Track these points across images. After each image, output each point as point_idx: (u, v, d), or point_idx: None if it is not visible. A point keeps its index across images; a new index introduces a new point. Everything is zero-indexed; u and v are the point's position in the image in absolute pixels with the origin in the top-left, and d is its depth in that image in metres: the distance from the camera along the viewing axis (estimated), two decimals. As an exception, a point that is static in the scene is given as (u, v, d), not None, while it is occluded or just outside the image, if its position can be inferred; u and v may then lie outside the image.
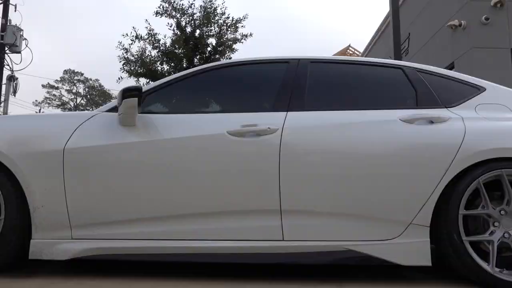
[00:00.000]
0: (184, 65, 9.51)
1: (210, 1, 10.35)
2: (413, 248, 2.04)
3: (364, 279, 2.18)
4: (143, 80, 9.68)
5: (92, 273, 2.19)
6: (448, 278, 2.23)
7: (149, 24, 10.13)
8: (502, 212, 2.05)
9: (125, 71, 9.96)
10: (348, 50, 33.61)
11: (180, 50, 9.51)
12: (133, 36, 10.01)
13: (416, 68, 2.48)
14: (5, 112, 19.12)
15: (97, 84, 55.37)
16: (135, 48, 10.23)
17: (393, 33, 6.75)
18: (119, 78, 10.07)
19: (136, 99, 2.09)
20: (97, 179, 2.11)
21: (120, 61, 9.78)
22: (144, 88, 2.36)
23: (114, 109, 2.30)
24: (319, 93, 2.37)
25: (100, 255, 2.07)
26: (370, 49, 15.91)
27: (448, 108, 2.28)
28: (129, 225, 2.10)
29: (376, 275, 2.27)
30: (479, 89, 2.39)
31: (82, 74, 54.58)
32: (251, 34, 10.49)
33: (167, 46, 9.67)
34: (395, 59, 6.84)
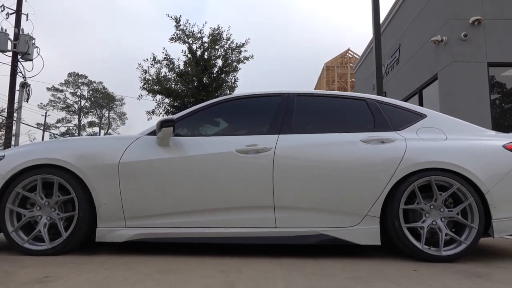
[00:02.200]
0: (195, 84, 10.67)
1: (217, 29, 11.87)
2: (367, 233, 2.87)
3: (332, 255, 3.01)
4: (158, 97, 10.95)
5: (140, 252, 3.03)
6: (393, 253, 3.06)
7: (165, 50, 11.74)
8: (431, 206, 2.88)
9: (144, 89, 11.45)
10: (347, 54, 34.45)
11: (191, 71, 10.66)
12: (152, 60, 11.57)
13: (376, 99, 3.32)
14: (19, 118, 19.97)
15: (101, 87, 56.28)
16: (153, 69, 12.05)
17: (375, 57, 7.56)
18: (139, 96, 11.68)
19: (171, 128, 2.93)
20: (143, 184, 2.96)
21: (141, 82, 11.24)
22: (174, 117, 3.20)
23: (152, 133, 3.15)
24: (303, 120, 3.21)
25: (146, 238, 2.91)
26: (367, 55, 16.70)
27: (396, 131, 3.11)
28: (166, 217, 2.94)
29: (341, 252, 3.10)
30: (421, 116, 3.22)
31: (86, 77, 55.47)
32: (252, 56, 12.01)
33: (180, 68, 10.91)
34: (377, 79, 7.64)
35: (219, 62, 11.31)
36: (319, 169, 2.94)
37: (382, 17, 17.02)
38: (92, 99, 55.87)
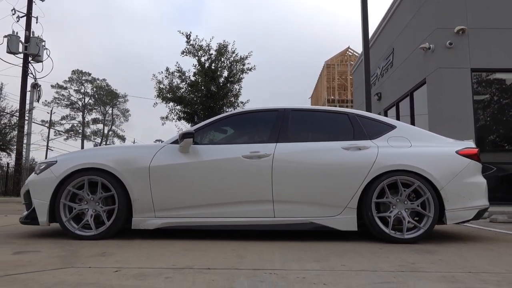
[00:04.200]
0: (204, 92, 11.73)
1: (223, 43, 13.31)
2: (347, 221, 3.63)
3: (319, 239, 3.77)
4: (170, 104, 12.06)
5: (167, 237, 3.80)
6: (367, 237, 3.81)
7: (177, 63, 13.20)
8: (397, 200, 3.64)
9: (159, 97, 12.90)
10: (347, 52, 35.04)
11: (200, 81, 11.74)
12: (166, 72, 13.11)
13: (356, 113, 4.06)
14: (30, 118, 20.75)
15: (105, 84, 57.01)
16: (166, 80, 13.79)
17: (364, 69, 8.28)
18: (154, 103, 13.10)
19: (191, 139, 3.69)
20: (168, 183, 3.72)
21: (156, 91, 12.70)
22: (193, 129, 3.96)
23: (175, 142, 3.90)
24: (297, 131, 3.96)
25: (171, 226, 3.68)
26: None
27: (371, 140, 3.86)
28: (187, 209, 3.70)
29: (327, 237, 3.86)
30: (392, 127, 3.97)
31: (89, 74, 56.19)
32: (254, 67, 13.29)
33: (191, 79, 12.09)
34: (366, 88, 8.36)
35: (225, 73, 12.48)
36: (309, 170, 3.70)
37: (378, 20, 17.63)
38: (96, 96, 56.57)
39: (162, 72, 13.22)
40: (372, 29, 14.72)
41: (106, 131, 57.50)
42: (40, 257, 2.76)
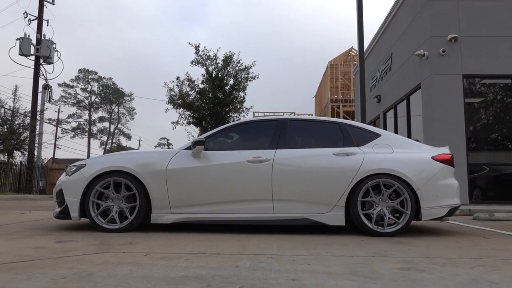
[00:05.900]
0: (211, 99, 12.59)
1: (229, 54, 14.39)
2: (336, 217, 4.21)
3: (312, 233, 4.35)
4: (180, 109, 12.94)
5: (181, 230, 4.40)
6: (355, 231, 4.39)
7: (187, 73, 14.37)
8: (380, 199, 4.22)
9: (170, 104, 14.08)
10: (351, 52, 35.49)
11: (208, 89, 12.62)
12: (178, 81, 14.35)
13: (345, 123, 4.64)
14: (41, 119, 21.44)
15: (111, 83, 57.88)
16: (177, 88, 15.13)
17: (359, 77, 8.82)
18: (166, 109, 14.26)
19: (202, 146, 4.29)
20: (182, 184, 4.32)
21: (167, 97, 13.93)
22: (203, 137, 4.55)
23: (188, 148, 4.50)
24: (294, 138, 4.54)
25: (185, 221, 4.28)
26: (367, 56, 17.87)
27: (359, 147, 4.43)
28: (198, 206, 4.30)
29: (319, 231, 4.44)
30: (377, 135, 4.54)
31: (96, 73, 57.07)
32: (258, 75, 14.51)
33: (199, 87, 13.04)
34: (361, 96, 8.92)
35: (231, 81, 13.40)
36: (304, 173, 4.28)
37: (381, 20, 17.99)
38: (102, 94, 57.43)
39: (173, 81, 14.49)
40: (374, 31, 15.30)
41: (112, 129, 58.44)
42: (80, 245, 3.37)
